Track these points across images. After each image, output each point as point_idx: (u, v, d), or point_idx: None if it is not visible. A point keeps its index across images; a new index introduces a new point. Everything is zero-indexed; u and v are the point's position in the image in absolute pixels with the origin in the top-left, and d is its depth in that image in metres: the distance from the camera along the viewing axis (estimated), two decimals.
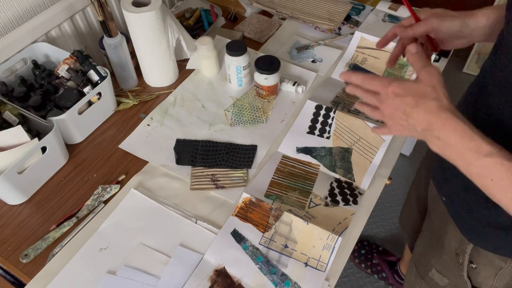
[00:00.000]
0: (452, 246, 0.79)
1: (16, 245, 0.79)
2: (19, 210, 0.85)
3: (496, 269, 0.72)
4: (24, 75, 0.96)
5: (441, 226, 0.82)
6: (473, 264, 0.75)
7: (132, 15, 0.92)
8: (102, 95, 0.95)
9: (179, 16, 1.23)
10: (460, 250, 0.77)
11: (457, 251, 0.77)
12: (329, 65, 1.12)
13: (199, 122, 0.99)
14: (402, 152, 1.88)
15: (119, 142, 0.96)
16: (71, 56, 0.95)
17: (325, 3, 1.25)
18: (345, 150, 0.91)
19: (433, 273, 0.88)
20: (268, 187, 0.86)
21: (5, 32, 0.96)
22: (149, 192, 0.86)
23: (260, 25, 1.24)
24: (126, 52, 1.01)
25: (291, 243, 0.78)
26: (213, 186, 0.87)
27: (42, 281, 0.74)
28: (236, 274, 0.74)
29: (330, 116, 0.96)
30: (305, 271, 0.74)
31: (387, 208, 1.73)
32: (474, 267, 0.75)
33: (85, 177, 0.89)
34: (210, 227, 0.80)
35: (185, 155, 0.92)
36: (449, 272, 0.83)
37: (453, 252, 0.79)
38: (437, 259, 0.85)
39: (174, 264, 0.75)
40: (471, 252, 0.74)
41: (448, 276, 0.84)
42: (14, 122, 0.86)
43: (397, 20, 1.18)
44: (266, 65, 0.97)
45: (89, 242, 0.78)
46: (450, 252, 0.80)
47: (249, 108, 1.00)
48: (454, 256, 0.79)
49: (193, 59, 1.10)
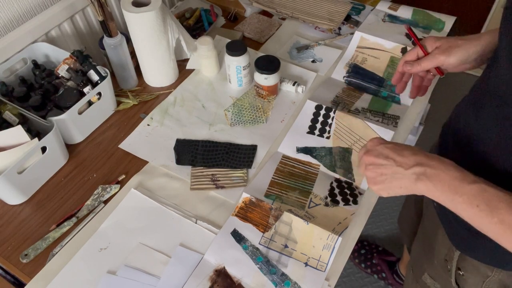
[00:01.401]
0: (442, 252, 0.79)
1: (16, 245, 0.79)
2: (19, 210, 0.85)
3: (483, 277, 0.72)
4: (24, 75, 0.96)
5: (433, 231, 0.82)
6: (460, 271, 0.76)
7: (132, 15, 0.92)
8: (102, 95, 0.95)
9: (179, 16, 1.22)
10: (449, 257, 0.77)
11: (446, 257, 0.78)
12: (329, 65, 1.12)
13: (199, 122, 0.99)
14: None
15: (119, 142, 0.96)
16: (71, 56, 0.95)
17: (325, 3, 1.25)
18: (345, 150, 0.91)
19: (426, 277, 0.88)
20: (268, 187, 0.86)
21: (5, 32, 0.96)
22: (149, 192, 0.86)
23: (260, 25, 1.24)
24: (126, 52, 1.01)
25: (291, 243, 0.78)
26: (213, 186, 0.87)
27: (42, 281, 0.74)
28: (236, 274, 0.74)
29: (330, 116, 0.96)
30: (305, 271, 0.74)
31: (387, 208, 1.73)
32: (461, 274, 0.76)
33: (85, 177, 0.89)
34: (210, 227, 0.80)
35: (185, 155, 0.92)
36: (439, 278, 0.83)
37: (443, 258, 0.79)
38: (429, 264, 0.86)
39: (174, 264, 0.75)
40: (458, 259, 0.74)
41: (439, 281, 0.84)
42: (14, 122, 0.86)
43: (397, 20, 1.18)
44: (266, 65, 0.97)
45: (89, 242, 0.78)
46: (440, 258, 0.80)
47: (249, 108, 1.00)
48: (443, 262, 0.79)
49: (193, 59, 1.10)
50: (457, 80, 2.19)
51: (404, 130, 0.95)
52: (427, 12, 1.20)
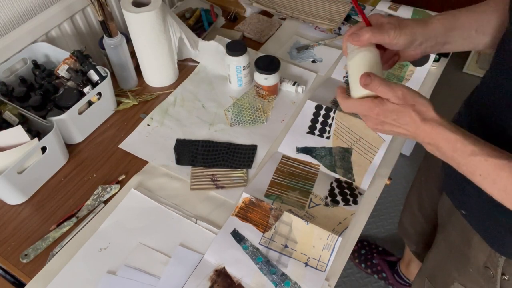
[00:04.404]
0: (480, 259, 0.76)
1: (16, 245, 0.79)
2: (19, 210, 0.85)
3: None
4: (24, 75, 0.96)
5: (463, 240, 0.79)
6: (505, 276, 0.72)
7: (132, 15, 0.92)
8: (102, 95, 0.95)
9: (179, 16, 1.22)
10: (490, 263, 0.74)
11: (486, 264, 0.74)
12: (329, 65, 1.12)
13: (199, 122, 0.99)
14: (402, 152, 1.88)
15: (119, 142, 0.96)
16: (71, 56, 0.95)
17: (325, 3, 1.25)
18: (345, 150, 0.91)
19: (456, 286, 0.84)
20: (268, 187, 0.86)
21: (5, 32, 0.96)
22: (149, 192, 0.86)
23: (260, 25, 1.24)
24: (126, 52, 1.01)
25: (291, 243, 0.78)
26: (213, 186, 0.87)
27: (42, 281, 0.74)
28: (236, 274, 0.74)
29: (330, 116, 0.96)
30: (305, 271, 0.74)
31: (387, 208, 1.73)
32: (506, 278, 0.73)
33: (85, 177, 0.89)
34: (210, 227, 0.80)
35: (185, 155, 0.92)
36: (477, 285, 0.80)
37: (481, 265, 0.76)
38: (461, 273, 0.82)
39: (174, 264, 0.75)
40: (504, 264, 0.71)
41: None
42: (14, 122, 0.86)
43: None
44: (266, 65, 0.97)
45: (89, 242, 0.78)
46: (477, 265, 0.77)
47: (249, 108, 1.00)
48: (483, 269, 0.76)
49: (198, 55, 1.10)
50: (457, 80, 2.19)
51: None
52: (427, 12, 1.20)
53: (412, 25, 0.63)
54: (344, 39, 0.64)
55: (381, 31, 0.60)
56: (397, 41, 0.62)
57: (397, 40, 0.61)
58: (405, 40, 0.62)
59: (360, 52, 0.60)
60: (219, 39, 1.15)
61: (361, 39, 0.60)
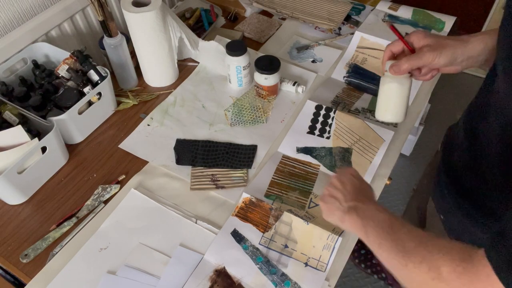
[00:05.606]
0: None
1: (16, 245, 0.79)
2: (19, 210, 0.84)
3: None
4: (24, 75, 0.96)
5: None
6: None
7: (132, 15, 0.91)
8: (102, 95, 0.95)
9: (179, 16, 1.22)
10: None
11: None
12: (329, 65, 1.12)
13: (199, 122, 0.99)
14: (402, 152, 1.88)
15: (119, 142, 0.96)
16: (71, 56, 0.95)
17: (325, 3, 1.25)
18: (345, 150, 0.91)
19: None
20: (268, 187, 0.86)
21: (5, 32, 0.96)
22: (149, 192, 0.86)
23: (260, 25, 1.24)
24: (126, 52, 1.01)
25: (291, 243, 0.78)
26: (213, 186, 0.86)
27: (42, 281, 0.74)
28: (236, 274, 0.74)
29: (330, 116, 0.96)
30: (305, 271, 0.74)
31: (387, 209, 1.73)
32: None
33: (85, 177, 0.89)
34: (210, 227, 0.80)
35: (185, 155, 0.91)
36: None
37: None
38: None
39: (174, 264, 0.75)
40: None
41: None
42: (14, 122, 0.86)
43: (397, 20, 1.18)
44: (266, 65, 0.97)
45: (89, 242, 0.78)
46: None
47: (249, 108, 1.00)
48: None
49: (198, 54, 1.10)
50: (457, 80, 2.19)
51: (404, 130, 0.95)
52: (427, 12, 1.20)
53: (452, 44, 0.66)
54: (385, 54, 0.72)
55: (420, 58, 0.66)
56: (437, 62, 0.66)
57: (437, 61, 0.66)
58: (445, 60, 0.66)
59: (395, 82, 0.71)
60: (219, 39, 1.15)
61: (401, 71, 0.68)
